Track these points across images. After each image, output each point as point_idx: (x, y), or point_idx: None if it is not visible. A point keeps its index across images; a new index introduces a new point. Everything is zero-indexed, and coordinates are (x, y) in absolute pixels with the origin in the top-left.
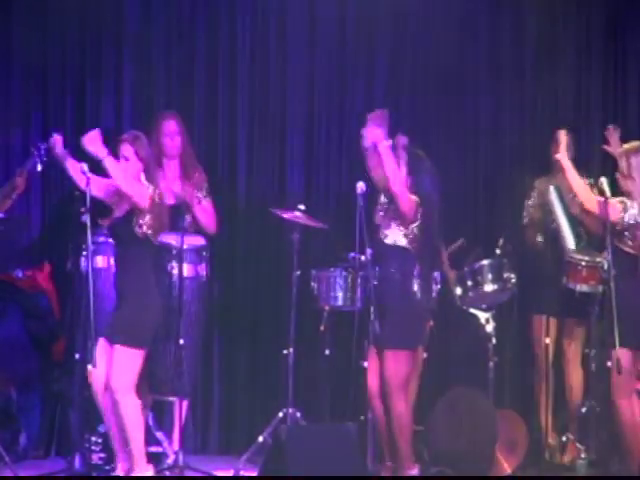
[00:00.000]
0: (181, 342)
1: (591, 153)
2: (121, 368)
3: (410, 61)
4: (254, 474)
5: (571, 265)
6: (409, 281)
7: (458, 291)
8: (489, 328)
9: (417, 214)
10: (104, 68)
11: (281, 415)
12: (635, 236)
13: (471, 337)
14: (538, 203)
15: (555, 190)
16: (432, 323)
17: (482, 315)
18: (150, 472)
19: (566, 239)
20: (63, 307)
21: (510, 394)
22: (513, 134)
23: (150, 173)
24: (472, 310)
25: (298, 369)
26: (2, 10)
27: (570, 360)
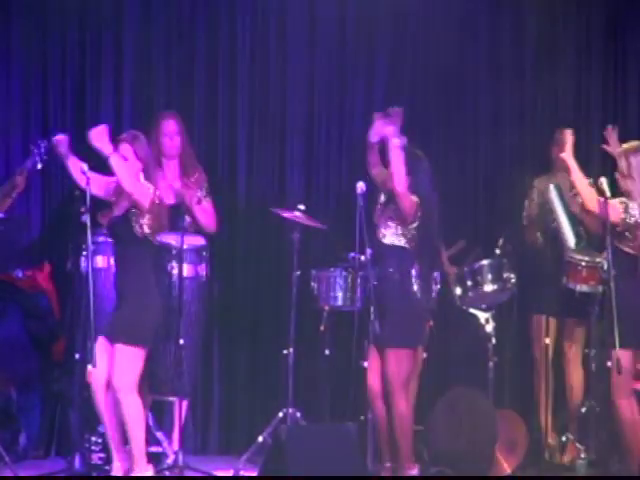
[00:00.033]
0: (181, 342)
1: (591, 153)
2: (123, 367)
3: (410, 61)
4: (254, 474)
5: (571, 265)
6: (408, 281)
7: (458, 291)
8: (489, 328)
9: (417, 214)
10: (104, 68)
11: (281, 415)
12: (635, 236)
13: (471, 337)
14: (538, 202)
15: (555, 188)
16: (432, 323)
17: (482, 315)
18: (150, 472)
19: (566, 238)
20: (63, 307)
21: (510, 394)
22: (513, 134)
23: (149, 173)
24: (472, 310)
25: (298, 369)
26: (2, 10)
27: (570, 360)
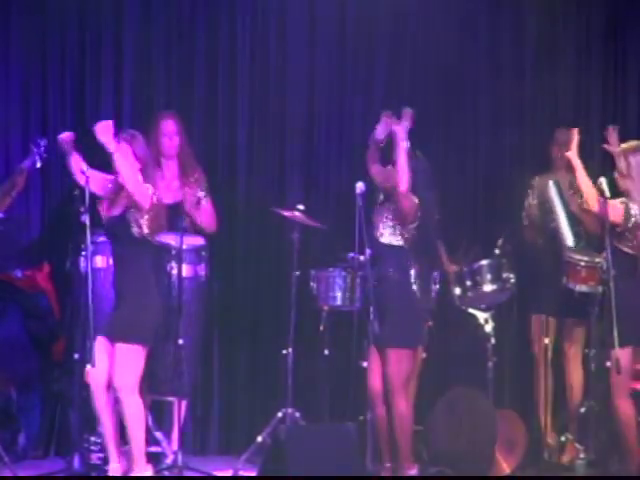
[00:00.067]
0: (180, 342)
1: (590, 153)
2: (124, 367)
3: (410, 61)
4: (253, 474)
5: (570, 265)
6: (407, 281)
7: (457, 291)
8: (488, 328)
9: (417, 214)
10: (104, 68)
11: (280, 415)
12: (635, 237)
13: (470, 337)
14: (537, 202)
15: (554, 185)
16: (431, 323)
17: (481, 315)
18: (149, 472)
19: (565, 236)
20: (62, 307)
21: (509, 394)
22: (513, 134)
23: (147, 173)
24: (471, 310)
25: (297, 369)
26: (1, 9)
27: (570, 360)
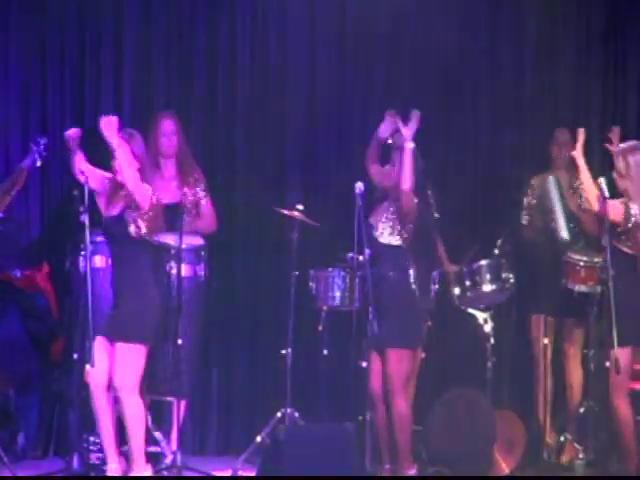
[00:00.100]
0: (179, 342)
1: (590, 153)
2: (124, 366)
3: (410, 61)
4: (252, 474)
5: (569, 265)
6: (406, 280)
7: (456, 291)
8: (487, 328)
9: (416, 214)
10: (104, 68)
11: (279, 415)
12: (635, 237)
13: (469, 337)
14: (536, 202)
15: (554, 180)
16: (430, 323)
17: (480, 315)
18: (148, 472)
19: (560, 230)
20: (61, 307)
21: (508, 394)
22: (512, 134)
23: (145, 172)
24: (470, 310)
25: (296, 369)
26: (1, 10)
27: (570, 360)
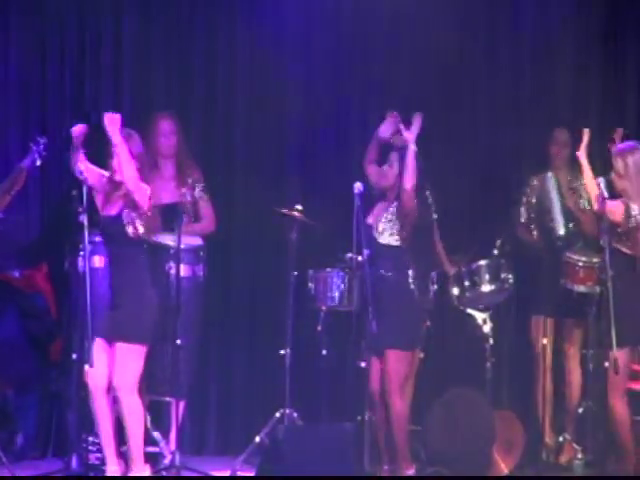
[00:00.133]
0: (178, 342)
1: (589, 152)
2: (124, 366)
3: (408, 61)
4: (251, 474)
5: (569, 266)
6: (405, 281)
7: (455, 291)
8: (486, 328)
9: (416, 214)
10: (103, 68)
11: (278, 415)
12: (635, 238)
13: (468, 337)
14: (535, 201)
15: (552, 177)
16: (429, 323)
17: (479, 315)
18: (147, 472)
19: (556, 224)
20: (60, 307)
21: (507, 394)
22: (512, 133)
23: (143, 172)
24: (469, 310)
25: (295, 369)
26: (0, 10)
27: (569, 360)
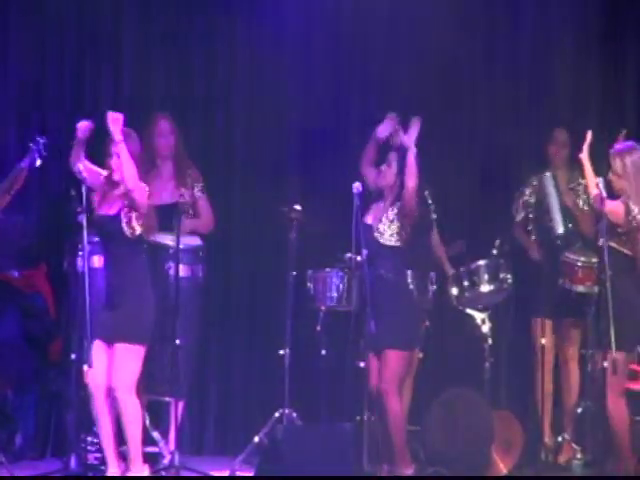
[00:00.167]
0: (177, 342)
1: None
2: (122, 366)
3: (407, 61)
4: (250, 474)
5: (567, 266)
6: (404, 281)
7: (454, 291)
8: (485, 329)
9: (417, 214)
10: (102, 68)
11: (277, 415)
12: (635, 238)
13: (467, 337)
14: (534, 201)
15: (551, 177)
16: (428, 323)
17: (478, 315)
18: (146, 472)
19: (555, 223)
20: (59, 307)
21: (506, 394)
22: (511, 133)
23: (141, 171)
24: (468, 310)
25: (294, 369)
26: (0, 10)
27: (568, 360)
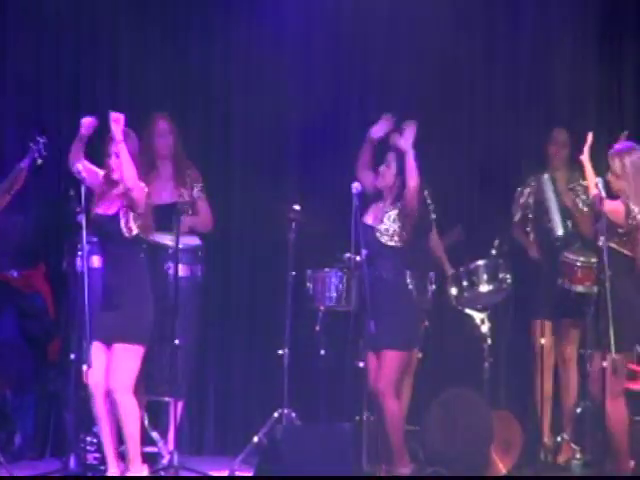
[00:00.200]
0: (176, 342)
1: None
2: (120, 367)
3: (407, 61)
4: (249, 474)
5: (567, 266)
6: (403, 281)
7: (453, 291)
8: (484, 329)
9: (417, 214)
10: (99, 69)
11: (276, 415)
12: (636, 239)
13: (467, 337)
14: (533, 201)
15: (550, 179)
16: (427, 323)
17: (477, 315)
18: (145, 472)
19: (554, 225)
20: (58, 307)
21: (505, 394)
22: (510, 133)
23: (139, 171)
24: (468, 310)
25: (293, 369)
26: None
27: (566, 361)
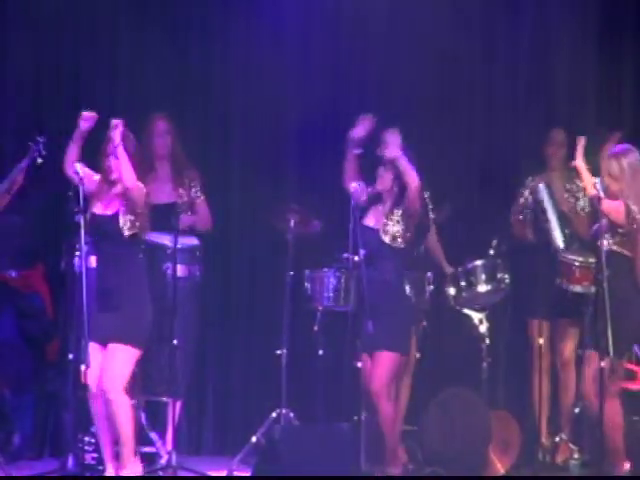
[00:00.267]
0: (175, 342)
1: (587, 153)
2: (115, 367)
3: (404, 61)
4: (248, 474)
5: (565, 265)
6: (401, 282)
7: (452, 291)
8: (483, 328)
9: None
10: (99, 69)
11: (275, 415)
12: (635, 239)
13: (465, 337)
14: (531, 201)
15: (545, 188)
16: (425, 323)
17: (476, 315)
18: (139, 470)
19: (556, 238)
20: (57, 307)
21: (503, 394)
22: (509, 133)
23: (138, 171)
24: (466, 310)
25: (292, 369)
26: None
27: (565, 361)
